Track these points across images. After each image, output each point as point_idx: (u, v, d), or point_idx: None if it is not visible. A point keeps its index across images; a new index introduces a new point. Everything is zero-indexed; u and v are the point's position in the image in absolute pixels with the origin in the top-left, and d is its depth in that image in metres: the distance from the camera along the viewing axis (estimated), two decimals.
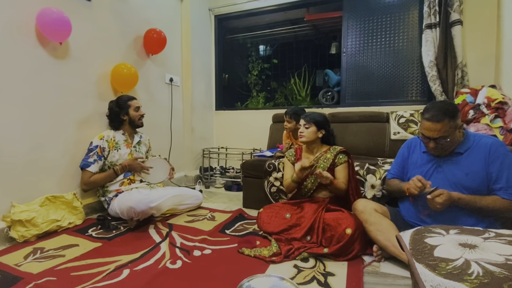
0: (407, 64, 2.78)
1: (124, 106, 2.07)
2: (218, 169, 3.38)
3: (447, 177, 1.35)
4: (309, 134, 1.77)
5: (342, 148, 1.79)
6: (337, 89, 3.52)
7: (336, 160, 1.75)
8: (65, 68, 1.98)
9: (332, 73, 3.75)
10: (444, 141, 1.30)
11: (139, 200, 1.76)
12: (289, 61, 4.36)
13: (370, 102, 2.91)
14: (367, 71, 2.95)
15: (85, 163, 1.93)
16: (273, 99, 4.31)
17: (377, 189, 1.86)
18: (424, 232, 0.79)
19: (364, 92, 2.98)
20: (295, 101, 4.07)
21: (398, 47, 2.81)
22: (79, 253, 1.49)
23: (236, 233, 1.77)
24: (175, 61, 3.10)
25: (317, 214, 1.60)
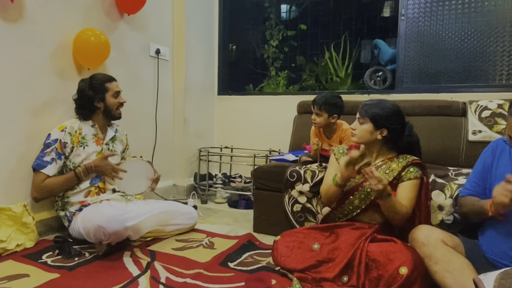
0: (495, 32, 2.73)
1: (99, 89, 2.10)
2: (220, 177, 3.40)
3: None
4: (362, 133, 1.74)
5: (417, 159, 1.74)
6: (391, 67, 3.48)
7: (403, 173, 1.71)
8: (16, 35, 2.04)
9: (385, 45, 3.71)
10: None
11: (111, 216, 1.79)
12: (323, 28, 4.33)
13: (438, 87, 2.88)
14: (435, 42, 2.92)
15: (39, 162, 1.98)
16: (299, 81, 4.31)
17: (447, 212, 1.83)
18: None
19: (431, 73, 2.94)
20: (331, 84, 4.05)
21: (484, 8, 2.76)
22: (30, 286, 1.53)
23: (244, 268, 1.78)
24: (163, 25, 3.15)
25: (359, 245, 1.59)
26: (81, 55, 2.35)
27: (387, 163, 1.76)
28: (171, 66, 3.27)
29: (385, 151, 1.80)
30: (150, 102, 3.03)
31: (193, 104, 3.41)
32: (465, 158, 2.39)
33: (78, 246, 1.96)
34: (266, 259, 1.88)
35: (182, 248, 2.03)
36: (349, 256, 1.57)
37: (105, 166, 2.04)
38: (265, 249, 2.03)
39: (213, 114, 3.75)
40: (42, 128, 2.11)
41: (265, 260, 1.87)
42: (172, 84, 3.29)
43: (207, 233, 2.30)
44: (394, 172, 1.72)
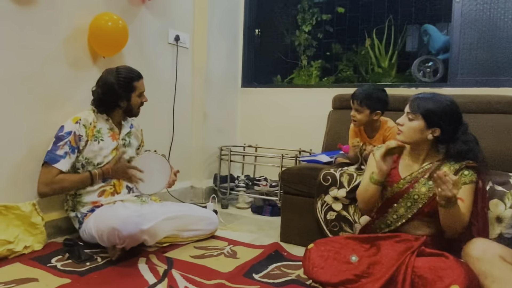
0: None
1: (127, 88, 2.14)
2: (243, 179, 3.42)
3: None
4: (410, 132, 1.72)
5: (471, 162, 1.72)
6: (442, 56, 3.44)
7: (457, 176, 1.69)
8: (28, 19, 2.11)
9: (436, 31, 3.66)
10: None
11: (126, 218, 1.84)
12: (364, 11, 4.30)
13: (499, 81, 2.84)
14: (496, 29, 2.88)
15: (52, 156, 2.03)
16: (335, 72, 4.29)
17: (507, 225, 1.80)
18: None
19: (491, 64, 2.91)
20: (372, 76, 4.02)
21: None
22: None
23: (271, 280, 1.79)
24: (184, 9, 3.20)
25: (404, 259, 1.58)
26: (97, 42, 2.41)
27: (436, 165, 1.74)
28: (191, 55, 3.32)
29: (434, 153, 1.79)
30: (168, 94, 3.08)
31: (214, 97, 3.45)
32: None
33: (89, 250, 2.02)
34: (295, 272, 1.89)
35: (201, 256, 2.07)
36: (392, 271, 1.56)
37: (122, 170, 2.10)
38: (294, 261, 2.05)
39: (236, 108, 3.79)
40: (52, 121, 2.17)
41: (295, 273, 1.89)
42: (192, 74, 3.34)
43: (229, 240, 2.34)
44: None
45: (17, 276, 1.72)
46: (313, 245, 1.80)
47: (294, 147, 3.42)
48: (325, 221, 2.22)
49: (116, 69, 2.17)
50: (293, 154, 3.26)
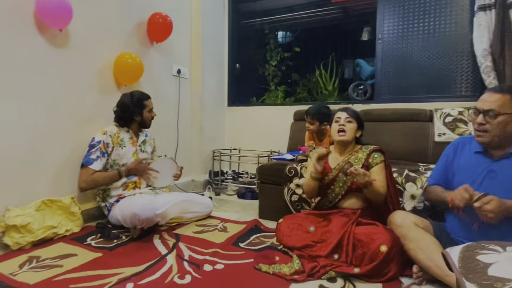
0: (455, 53, 2.73)
1: (139, 105, 2.14)
2: (230, 173, 3.43)
3: (502, 183, 1.32)
4: (351, 132, 1.76)
5: (376, 147, 1.78)
6: (370, 82, 3.50)
7: (370, 160, 1.73)
8: (65, 58, 2.08)
9: (365, 63, 3.73)
10: (494, 119, 1.29)
11: (143, 205, 1.83)
12: (314, 50, 4.36)
13: (410, 98, 2.89)
14: (407, 61, 2.92)
15: (87, 160, 2.00)
16: (294, 94, 4.32)
17: (418, 200, 1.84)
18: (476, 249, 0.79)
19: (403, 86, 2.95)
20: (320, 96, 4.06)
21: (445, 33, 2.76)
22: (78, 263, 1.56)
23: (252, 247, 1.80)
24: (183, 50, 3.18)
25: (347, 228, 1.59)
26: (121, 74, 2.39)
27: (354, 154, 1.78)
28: (190, 83, 3.30)
29: (352, 147, 1.82)
30: (173, 113, 3.06)
31: (208, 114, 3.43)
32: (432, 155, 2.39)
33: (116, 231, 1.99)
34: (270, 240, 1.90)
35: (201, 231, 2.05)
36: (339, 237, 1.57)
37: (141, 168, 2.05)
38: (269, 232, 2.05)
39: (224, 122, 3.77)
40: (86, 135, 2.14)
41: (269, 240, 1.89)
42: (190, 98, 3.31)
43: (221, 219, 2.32)
44: (362, 160, 1.74)
45: (61, 253, 1.69)
46: (282, 220, 1.81)
47: (267, 149, 3.43)
48: (290, 202, 2.23)
49: (130, 93, 2.17)
50: (266, 154, 3.27)
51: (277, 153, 3.31)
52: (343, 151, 1.82)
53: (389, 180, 1.75)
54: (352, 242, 1.54)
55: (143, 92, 2.21)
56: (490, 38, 2.41)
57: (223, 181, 3.33)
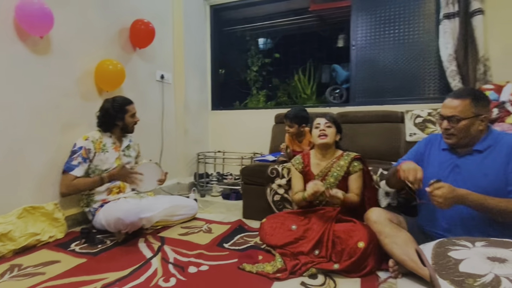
0: (423, 58, 2.79)
1: (121, 110, 2.05)
2: (215, 175, 3.38)
3: (464, 178, 1.34)
4: (332, 135, 1.77)
5: (357, 155, 1.79)
6: (346, 86, 3.54)
7: (350, 168, 1.76)
8: (46, 65, 1.99)
9: (340, 69, 3.77)
10: (457, 123, 1.31)
11: (128, 210, 1.76)
12: (292, 56, 4.38)
13: (383, 101, 2.92)
14: (379, 66, 2.96)
15: (68, 166, 1.92)
16: (275, 98, 4.32)
17: (392, 197, 1.86)
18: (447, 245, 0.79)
19: (376, 89, 2.99)
20: (300, 100, 4.08)
21: (414, 40, 2.82)
22: (61, 270, 1.48)
23: (236, 247, 1.76)
24: (166, 56, 3.11)
25: (326, 225, 1.60)
26: (102, 80, 2.30)
27: (337, 162, 1.78)
28: (173, 88, 3.23)
29: (335, 151, 1.84)
30: (157, 117, 2.98)
31: (192, 118, 3.37)
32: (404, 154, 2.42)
33: (101, 235, 1.91)
34: (253, 239, 1.87)
35: (186, 233, 2.00)
36: (319, 234, 1.57)
37: (124, 173, 1.95)
38: (252, 232, 2.02)
39: (208, 125, 3.72)
40: (68, 140, 2.05)
41: (253, 240, 1.87)
42: (174, 102, 3.24)
43: (206, 220, 2.27)
44: (344, 168, 1.76)
45: (43, 260, 1.60)
46: (266, 219, 1.80)
47: (250, 151, 3.40)
48: (273, 201, 2.21)
49: (113, 98, 2.09)
50: (249, 156, 3.25)
51: (259, 154, 3.29)
52: (324, 155, 1.82)
53: (369, 185, 1.78)
54: (332, 239, 1.54)
55: (126, 98, 2.13)
56: (455, 44, 2.48)
57: (208, 183, 3.28)
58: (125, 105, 2.08)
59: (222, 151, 3.58)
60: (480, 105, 1.32)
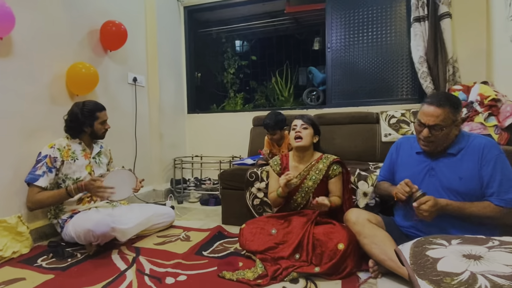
0: (396, 60, 2.89)
1: (90, 117, 1.95)
2: (192, 181, 3.32)
3: (440, 181, 1.39)
4: (308, 137, 1.76)
5: (337, 158, 1.80)
6: (322, 88, 3.59)
7: (330, 171, 1.76)
8: (7, 68, 1.87)
9: (317, 71, 3.82)
10: (439, 132, 1.35)
11: (98, 221, 1.67)
12: (269, 58, 4.40)
13: (358, 102, 2.99)
14: (354, 68, 3.03)
15: (32, 176, 1.79)
16: (253, 100, 4.32)
17: (370, 197, 1.89)
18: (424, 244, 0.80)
19: (352, 91, 3.05)
20: (278, 102, 4.10)
21: (386, 42, 2.91)
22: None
23: (215, 255, 1.73)
24: (139, 58, 3.03)
25: (306, 228, 1.59)
26: (74, 84, 2.21)
27: (315, 165, 1.79)
28: (147, 91, 3.14)
29: (313, 153, 1.84)
30: (130, 121, 2.88)
31: (167, 121, 3.30)
32: (380, 154, 2.49)
33: (70, 249, 1.81)
34: (233, 246, 1.84)
35: (162, 242, 1.93)
36: (299, 238, 1.57)
37: (93, 187, 1.80)
38: (232, 238, 1.99)
39: (184, 129, 3.65)
40: (36, 148, 1.93)
41: (233, 246, 1.84)
42: (148, 106, 3.16)
43: (184, 228, 2.21)
44: (322, 171, 1.76)
45: (6, 278, 1.49)
46: (245, 225, 1.77)
47: (229, 154, 3.38)
48: (252, 206, 2.19)
49: (83, 102, 1.98)
50: (227, 160, 3.21)
51: (238, 158, 3.27)
52: (302, 158, 1.83)
53: (346, 187, 1.80)
54: (312, 242, 1.54)
55: (97, 103, 2.03)
56: (425, 47, 2.58)
57: (185, 188, 3.21)
58: (95, 111, 1.97)
59: (199, 156, 3.53)
60: (457, 112, 1.35)
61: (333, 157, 1.79)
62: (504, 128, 1.99)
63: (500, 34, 2.28)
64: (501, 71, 2.31)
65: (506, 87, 2.19)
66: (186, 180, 3.34)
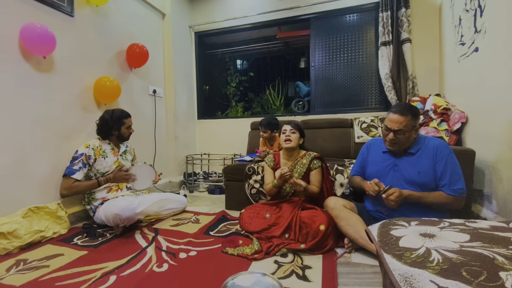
0: (366, 76, 2.90)
1: (118, 122, 1.94)
2: (201, 174, 3.30)
3: (402, 175, 1.40)
4: (295, 140, 1.77)
5: (317, 154, 1.80)
6: (307, 98, 3.59)
7: (311, 165, 1.77)
8: (49, 81, 1.85)
9: (302, 85, 3.83)
10: (402, 135, 1.36)
11: (124, 207, 1.66)
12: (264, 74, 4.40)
13: (336, 110, 2.99)
14: (332, 82, 3.03)
15: (70, 170, 1.79)
16: (250, 108, 4.32)
17: (345, 187, 1.90)
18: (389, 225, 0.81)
19: (331, 101, 3.05)
20: (271, 110, 4.10)
21: (359, 62, 2.92)
22: (64, 262, 1.37)
23: (220, 234, 1.72)
24: (157, 74, 3.01)
25: (294, 213, 1.60)
26: (100, 95, 2.18)
27: (300, 160, 1.80)
28: (164, 101, 3.12)
29: (299, 152, 1.85)
30: (150, 126, 2.87)
31: (181, 126, 3.28)
32: (354, 153, 2.50)
33: (101, 230, 1.80)
34: (235, 227, 1.84)
35: (177, 224, 1.93)
36: (289, 220, 1.57)
37: (120, 176, 1.88)
38: (234, 220, 1.99)
39: (195, 132, 3.63)
40: (69, 147, 1.93)
41: (234, 227, 1.83)
42: (165, 113, 3.14)
43: (194, 212, 2.21)
44: (305, 165, 1.77)
45: (48, 254, 1.48)
46: (244, 210, 1.77)
47: (231, 152, 3.36)
48: (250, 194, 2.19)
49: (112, 110, 1.98)
50: (230, 157, 3.21)
51: (239, 155, 3.26)
52: (290, 156, 1.83)
53: (326, 178, 1.80)
54: (298, 224, 1.54)
55: (124, 111, 2.02)
56: (390, 66, 2.59)
57: (195, 180, 3.19)
58: (122, 118, 1.97)
59: (207, 154, 3.52)
60: (416, 119, 1.37)
61: (314, 154, 1.80)
62: (453, 132, 2.01)
63: (450, 56, 2.30)
64: (451, 85, 2.33)
65: (454, 98, 2.21)
66: (196, 174, 3.32)
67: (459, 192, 1.29)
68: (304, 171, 1.76)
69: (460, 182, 1.30)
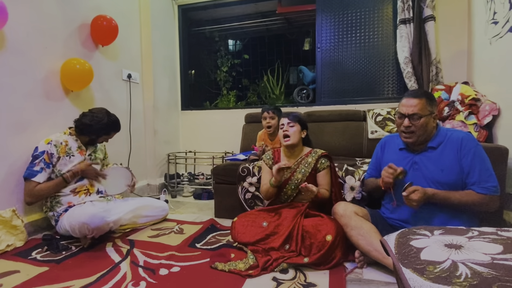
0: (382, 60, 2.91)
1: (107, 131, 1.96)
2: (186, 175, 3.30)
3: (423, 174, 1.42)
4: (295, 135, 1.77)
5: (324, 152, 1.80)
6: (312, 86, 3.59)
7: (318, 165, 1.77)
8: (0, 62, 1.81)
9: (307, 70, 3.83)
10: (418, 121, 1.38)
11: (93, 214, 1.64)
12: (261, 57, 4.38)
13: (346, 100, 3.00)
14: (342, 68, 3.04)
15: (30, 172, 1.76)
16: (245, 98, 4.31)
17: (357, 191, 1.90)
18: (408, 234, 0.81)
19: (340, 90, 3.06)
20: (269, 100, 4.09)
21: (373, 43, 2.93)
22: (20, 280, 1.35)
23: (208, 246, 1.72)
24: (133, 55, 2.98)
25: (296, 220, 1.60)
26: (68, 80, 2.15)
27: (304, 159, 1.80)
28: (141, 88, 3.10)
29: (302, 148, 1.85)
30: (124, 117, 2.82)
31: (161, 118, 3.26)
32: (367, 151, 2.51)
33: (65, 242, 1.77)
34: (226, 238, 1.84)
35: (156, 235, 1.91)
36: (289, 229, 1.57)
37: (89, 170, 1.88)
38: (224, 230, 1.99)
39: (178, 125, 3.62)
40: (30, 142, 1.89)
41: (225, 238, 1.83)
42: (143, 102, 3.11)
43: (177, 221, 2.20)
44: (311, 164, 1.77)
45: (1, 270, 1.44)
46: (237, 218, 1.76)
47: (221, 150, 3.36)
48: (244, 200, 2.19)
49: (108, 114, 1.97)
50: (220, 155, 3.20)
51: (230, 154, 3.26)
52: (292, 154, 1.83)
53: (334, 181, 1.80)
54: (301, 233, 1.54)
55: (119, 123, 2.03)
56: (410, 48, 2.60)
57: (179, 183, 3.18)
58: (114, 129, 2.01)
59: (193, 151, 3.51)
60: (433, 104, 1.41)
61: (322, 151, 1.80)
62: (483, 126, 2.03)
63: (481, 37, 2.31)
64: (481, 72, 2.35)
65: (485, 87, 2.23)
66: (180, 175, 3.31)
67: (493, 190, 1.31)
68: (309, 171, 1.76)
69: (492, 178, 1.31)
